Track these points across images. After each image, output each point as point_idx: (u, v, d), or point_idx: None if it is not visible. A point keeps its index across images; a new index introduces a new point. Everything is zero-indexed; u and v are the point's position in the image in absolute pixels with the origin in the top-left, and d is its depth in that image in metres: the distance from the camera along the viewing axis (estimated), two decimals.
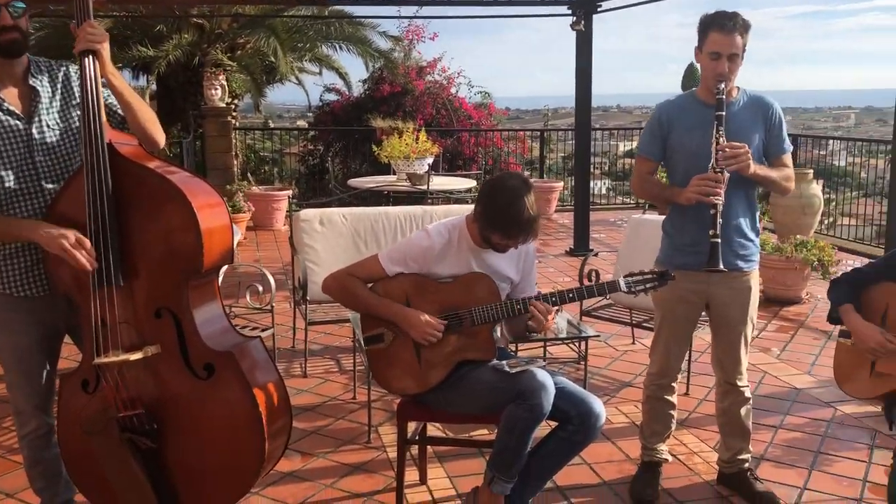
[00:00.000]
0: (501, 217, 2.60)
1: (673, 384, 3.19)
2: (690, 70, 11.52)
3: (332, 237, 4.74)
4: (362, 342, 2.83)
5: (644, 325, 4.47)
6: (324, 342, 5.13)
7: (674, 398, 3.22)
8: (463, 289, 2.72)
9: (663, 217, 3.22)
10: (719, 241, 2.79)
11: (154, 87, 12.81)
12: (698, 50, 2.90)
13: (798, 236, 6.29)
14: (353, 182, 7.18)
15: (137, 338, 2.41)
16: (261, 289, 4.40)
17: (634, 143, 15.98)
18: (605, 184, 13.94)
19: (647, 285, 2.69)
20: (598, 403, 2.66)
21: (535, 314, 2.63)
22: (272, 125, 18.32)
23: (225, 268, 3.99)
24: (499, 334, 2.95)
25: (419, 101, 11.50)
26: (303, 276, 4.50)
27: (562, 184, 11.14)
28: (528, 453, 2.63)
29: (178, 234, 2.37)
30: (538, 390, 2.53)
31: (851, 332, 2.71)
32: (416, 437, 3.08)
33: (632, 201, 11.67)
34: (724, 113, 2.83)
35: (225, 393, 2.44)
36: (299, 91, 15.40)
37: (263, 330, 4.26)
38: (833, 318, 2.83)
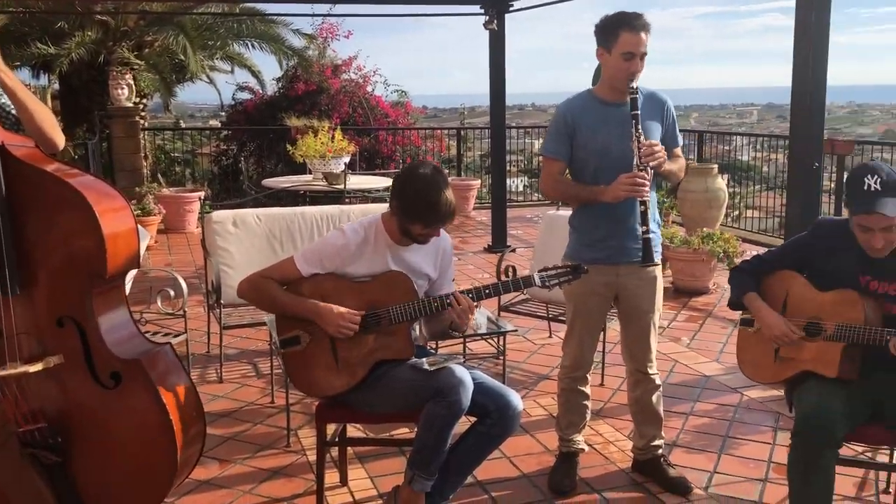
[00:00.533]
0: (419, 206, 2.62)
1: (587, 376, 3.26)
2: (599, 69, 11.78)
3: (247, 239, 4.65)
4: (278, 345, 2.79)
5: (560, 318, 4.55)
6: (240, 346, 5.03)
7: (588, 389, 3.29)
8: (380, 287, 2.71)
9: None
10: (650, 236, 2.87)
11: (56, 86, 12.33)
12: (604, 50, 2.96)
13: (705, 229, 6.53)
14: (268, 182, 7.06)
15: (38, 348, 2.30)
16: (172, 293, 4.28)
17: None
18: (521, 181, 14.13)
19: (561, 279, 2.75)
20: (515, 397, 2.70)
21: (458, 309, 2.65)
22: (183, 125, 17.84)
23: (133, 273, 3.87)
24: (418, 333, 2.95)
25: (335, 99, 11.41)
26: (216, 280, 4.40)
27: (479, 182, 11.23)
28: (448, 449, 2.65)
29: (80, 240, 2.28)
30: (456, 387, 2.54)
31: (757, 321, 2.82)
32: (336, 439, 3.05)
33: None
34: (639, 111, 2.91)
35: (133, 402, 2.36)
36: (211, 90, 15.05)
37: (175, 336, 4.14)
38: (734, 304, 2.94)
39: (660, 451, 3.30)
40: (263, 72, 14.49)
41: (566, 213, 5.24)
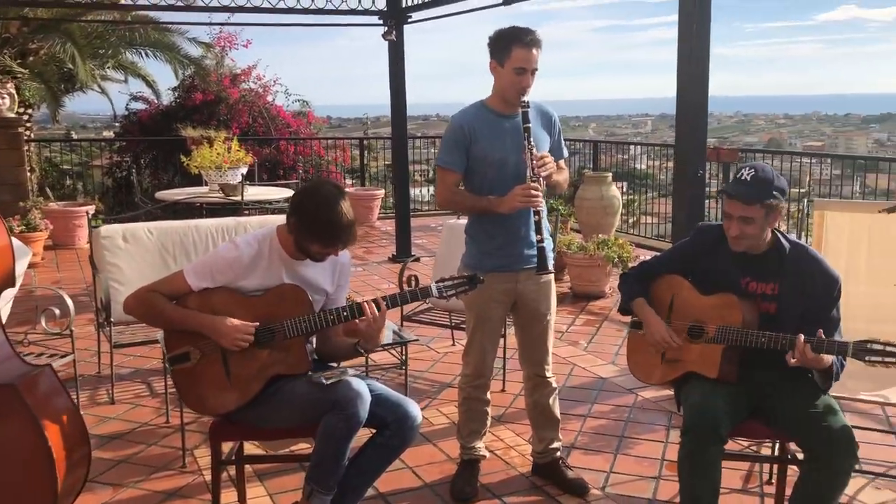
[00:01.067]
0: (319, 226, 2.58)
1: (488, 383, 3.30)
2: None
3: (138, 254, 4.49)
4: (167, 362, 2.70)
5: (462, 326, 4.59)
6: (133, 365, 4.85)
7: (488, 397, 3.33)
8: (274, 301, 2.67)
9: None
10: (545, 245, 2.93)
11: None
12: (497, 63, 3.01)
13: (600, 235, 6.72)
14: (162, 194, 6.84)
15: None
16: (58, 312, 4.08)
17: None
18: (428, 190, 14.21)
19: (459, 289, 2.76)
20: (413, 406, 2.70)
21: (368, 319, 2.64)
22: (75, 136, 17.13)
23: (14, 292, 3.68)
24: (314, 346, 2.92)
25: (234, 109, 11.18)
26: (105, 297, 4.22)
27: (383, 191, 11.21)
28: (347, 463, 2.62)
29: None
30: (353, 399, 2.52)
31: (644, 325, 2.92)
32: (232, 458, 2.97)
33: None
34: (531, 125, 2.97)
35: (8, 429, 2.25)
36: (103, 100, 14.51)
37: (62, 357, 3.95)
38: (623, 309, 3.04)
39: (558, 453, 3.36)
40: (159, 81, 14.06)
41: (465, 221, 5.31)
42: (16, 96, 9.41)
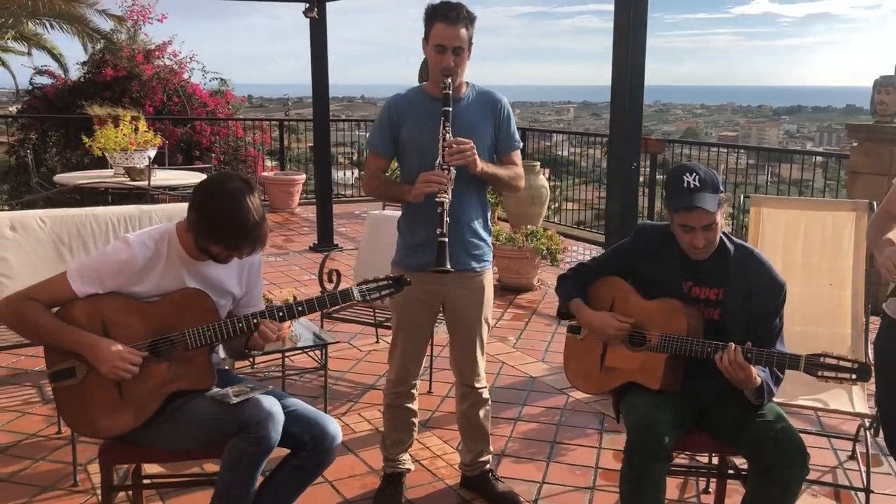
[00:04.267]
0: (221, 226, 2.27)
1: (413, 391, 3.05)
2: (425, 64, 11.70)
3: (28, 245, 4.06)
4: (48, 378, 2.36)
5: (387, 324, 4.34)
6: (21, 366, 4.41)
7: (414, 405, 3.09)
8: (174, 308, 2.35)
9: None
10: (446, 240, 2.66)
11: None
12: (425, 42, 2.77)
13: (529, 226, 6.56)
14: (61, 178, 6.32)
15: None
16: None
17: None
18: (353, 174, 13.85)
19: (383, 292, 2.50)
20: (332, 424, 2.44)
21: (266, 334, 2.37)
22: None
23: None
24: (222, 356, 2.63)
25: (147, 86, 10.59)
26: None
27: (304, 176, 10.82)
28: (257, 489, 2.35)
29: None
30: (264, 420, 2.25)
31: (584, 326, 2.73)
32: (127, 481, 2.65)
33: None
34: (450, 108, 2.72)
35: None
36: (5, 73, 13.67)
37: None
38: (561, 313, 2.84)
39: (488, 465, 3.16)
40: (66, 55, 13.31)
41: (392, 213, 5.04)
42: None
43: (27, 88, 11.58)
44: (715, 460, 3.04)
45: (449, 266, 2.65)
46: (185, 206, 4.64)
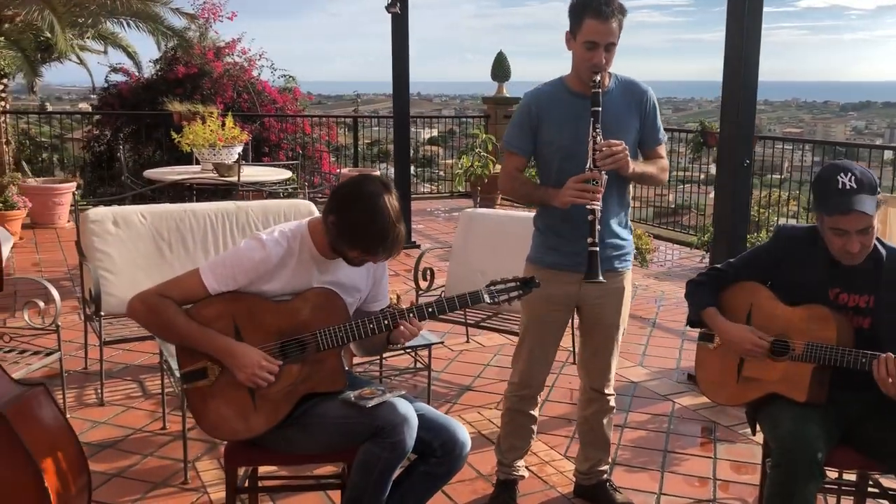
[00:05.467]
0: (361, 231, 2.21)
1: (535, 396, 2.94)
2: (500, 59, 11.59)
3: (130, 240, 4.10)
4: (179, 379, 2.33)
5: (482, 325, 4.26)
6: (122, 360, 4.45)
7: (536, 412, 2.98)
8: (305, 308, 2.29)
9: (497, 211, 2.96)
10: (598, 249, 2.54)
11: None
12: (570, 36, 2.63)
13: None
14: (152, 173, 6.38)
15: None
16: (42, 304, 3.68)
17: (436, 131, 15.98)
18: (411, 171, 13.85)
19: (511, 294, 2.41)
20: (462, 431, 2.36)
21: (406, 334, 2.32)
22: (50, 108, 16.49)
23: None
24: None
25: (218, 83, 10.71)
26: (95, 288, 3.83)
27: (378, 173, 10.81)
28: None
29: None
30: (400, 425, 2.18)
31: (720, 336, 2.59)
32: (247, 484, 2.61)
33: (445, 191, 11.57)
34: (600, 109, 2.59)
35: None
36: (82, 71, 14.00)
37: (47, 354, 3.56)
38: (692, 321, 2.70)
39: (605, 475, 3.04)
40: (140, 53, 13.55)
41: (485, 211, 4.96)
42: None
43: (103, 86, 11.83)
44: (851, 476, 2.86)
45: (602, 277, 2.54)
46: (276, 202, 4.68)
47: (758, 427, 2.59)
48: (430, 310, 2.35)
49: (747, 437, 3.61)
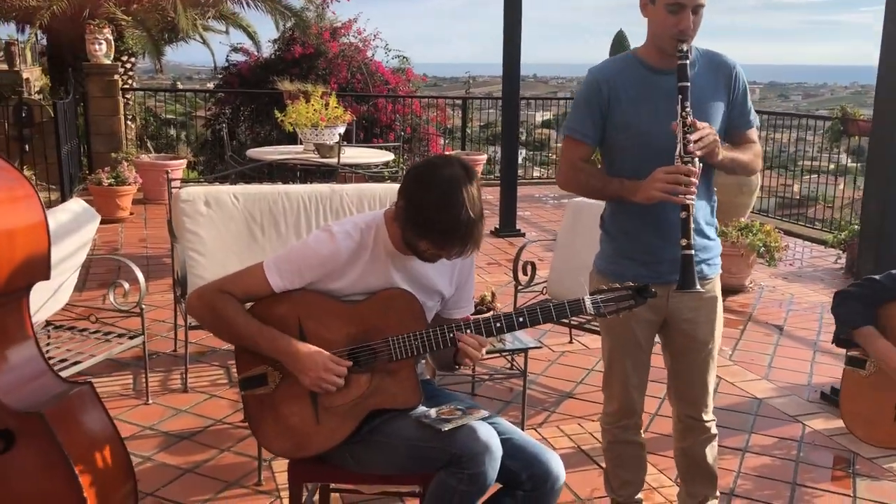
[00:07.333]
0: (430, 218, 1.89)
1: (639, 422, 2.54)
2: (619, 38, 11.00)
3: (221, 222, 3.95)
4: (238, 385, 2.10)
5: (585, 326, 3.88)
6: (210, 344, 4.34)
7: (642, 438, 2.58)
8: (378, 310, 2.02)
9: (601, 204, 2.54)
10: (692, 252, 2.13)
11: (45, 42, 11.56)
12: (647, 0, 2.24)
13: (741, 220, 5.84)
14: (253, 153, 6.30)
15: None
16: (127, 286, 3.58)
17: (551, 113, 15.49)
18: (521, 154, 13.49)
19: (621, 304, 2.04)
20: (555, 461, 2.03)
21: (466, 350, 1.98)
22: (181, 86, 17.08)
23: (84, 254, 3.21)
24: (422, 365, 2.28)
25: (333, 63, 10.67)
26: (182, 270, 3.71)
27: (485, 156, 10.51)
28: None
29: None
30: (480, 455, 1.87)
31: (880, 363, 2.14)
32: (317, 498, 2.37)
33: (553, 175, 11.13)
34: (689, 84, 2.16)
35: (30, 470, 1.69)
36: (205, 51, 14.38)
37: (131, 337, 3.46)
38: (843, 340, 2.26)
39: None
40: (259, 33, 13.78)
41: (594, 201, 4.55)
42: (112, 43, 9.07)
43: (224, 66, 12.04)
44: None
45: (699, 286, 2.14)
46: (374, 186, 4.44)
47: None
48: (520, 320, 2.01)
49: (893, 473, 3.11)
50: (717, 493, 2.63)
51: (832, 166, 9.71)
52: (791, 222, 8.32)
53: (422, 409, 2.02)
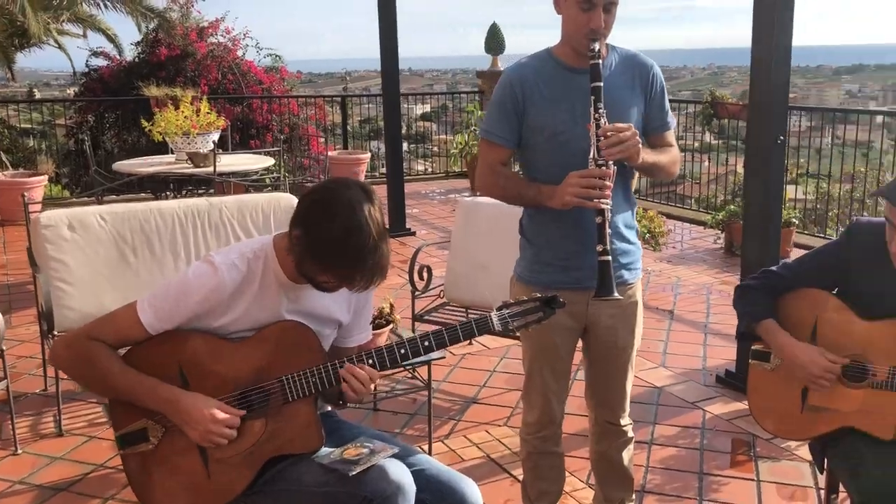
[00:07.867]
0: (333, 250, 1.74)
1: (558, 432, 2.47)
2: (493, 31, 11.03)
3: (89, 246, 3.63)
4: (116, 444, 1.87)
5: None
6: None
7: (561, 448, 2.51)
8: (269, 346, 1.84)
9: (508, 206, 2.44)
10: (610, 258, 2.07)
11: None
12: None
13: None
14: (120, 166, 5.87)
15: None
16: None
17: (428, 107, 15.40)
18: (403, 146, 13.40)
19: (529, 318, 1.95)
20: (470, 489, 1.91)
21: (352, 385, 1.84)
22: (38, 94, 15.99)
23: None
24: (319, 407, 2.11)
25: (202, 65, 10.24)
26: (47, 303, 3.37)
27: (369, 154, 10.33)
28: None
29: None
30: (393, 496, 1.73)
31: (782, 357, 2.14)
32: None
33: (440, 169, 11.08)
34: (602, 84, 2.10)
35: None
36: (62, 56, 13.55)
37: None
38: (745, 334, 2.25)
39: None
40: (120, 35, 13.13)
41: (486, 200, 4.46)
42: None
43: (83, 71, 11.35)
44: None
45: (617, 293, 2.08)
46: (255, 197, 4.21)
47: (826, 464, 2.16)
48: (426, 343, 1.88)
49: (790, 452, 3.19)
50: (633, 497, 2.59)
51: (697, 144, 10.14)
52: (669, 205, 8.57)
53: (325, 450, 1.86)
